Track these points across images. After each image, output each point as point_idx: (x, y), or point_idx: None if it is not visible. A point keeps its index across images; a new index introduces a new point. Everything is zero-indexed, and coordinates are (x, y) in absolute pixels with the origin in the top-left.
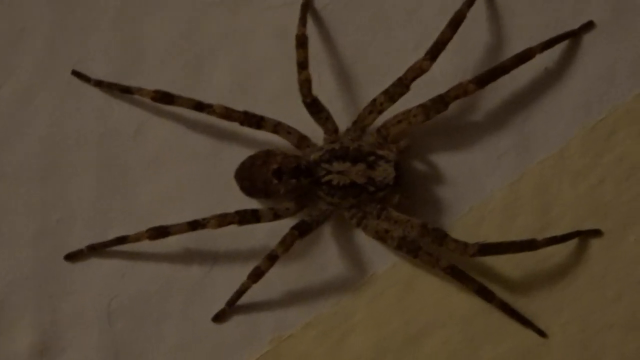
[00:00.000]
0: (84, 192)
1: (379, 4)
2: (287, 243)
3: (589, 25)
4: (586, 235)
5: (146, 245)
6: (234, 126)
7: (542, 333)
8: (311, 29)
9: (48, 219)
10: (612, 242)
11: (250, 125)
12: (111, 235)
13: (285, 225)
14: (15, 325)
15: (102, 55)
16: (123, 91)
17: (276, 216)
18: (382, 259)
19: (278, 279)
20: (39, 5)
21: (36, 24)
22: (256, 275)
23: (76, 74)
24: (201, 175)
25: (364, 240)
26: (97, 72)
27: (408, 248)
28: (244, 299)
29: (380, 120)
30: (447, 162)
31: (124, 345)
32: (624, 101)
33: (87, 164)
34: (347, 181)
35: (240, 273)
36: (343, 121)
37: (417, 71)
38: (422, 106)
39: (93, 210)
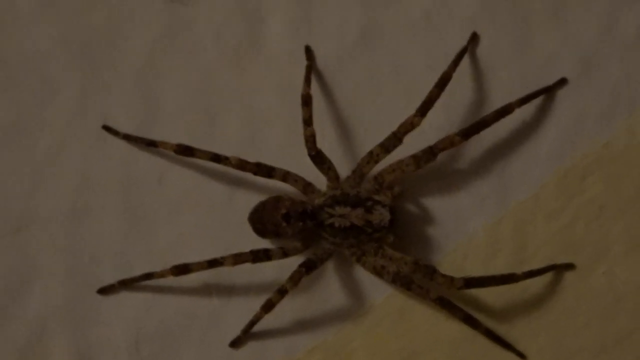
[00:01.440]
0: (112, 233)
1: (374, 66)
2: (295, 279)
3: (562, 82)
4: (560, 269)
5: (170, 281)
6: (247, 175)
7: (522, 355)
8: (314, 87)
9: (80, 257)
10: (583, 275)
11: (262, 175)
12: (136, 272)
13: (293, 262)
14: (51, 352)
15: (126, 109)
16: (148, 145)
17: (285, 254)
18: (378, 291)
19: (287, 310)
20: (69, 67)
21: (67, 83)
22: (268, 306)
23: (106, 128)
24: (218, 218)
25: (362, 274)
26: (122, 124)
27: (402, 282)
28: (257, 327)
29: (377, 169)
30: (436, 205)
31: None
32: (593, 150)
33: (115, 209)
34: (348, 224)
35: (253, 305)
36: (344, 170)
37: (408, 126)
38: (413, 156)
39: (120, 249)
